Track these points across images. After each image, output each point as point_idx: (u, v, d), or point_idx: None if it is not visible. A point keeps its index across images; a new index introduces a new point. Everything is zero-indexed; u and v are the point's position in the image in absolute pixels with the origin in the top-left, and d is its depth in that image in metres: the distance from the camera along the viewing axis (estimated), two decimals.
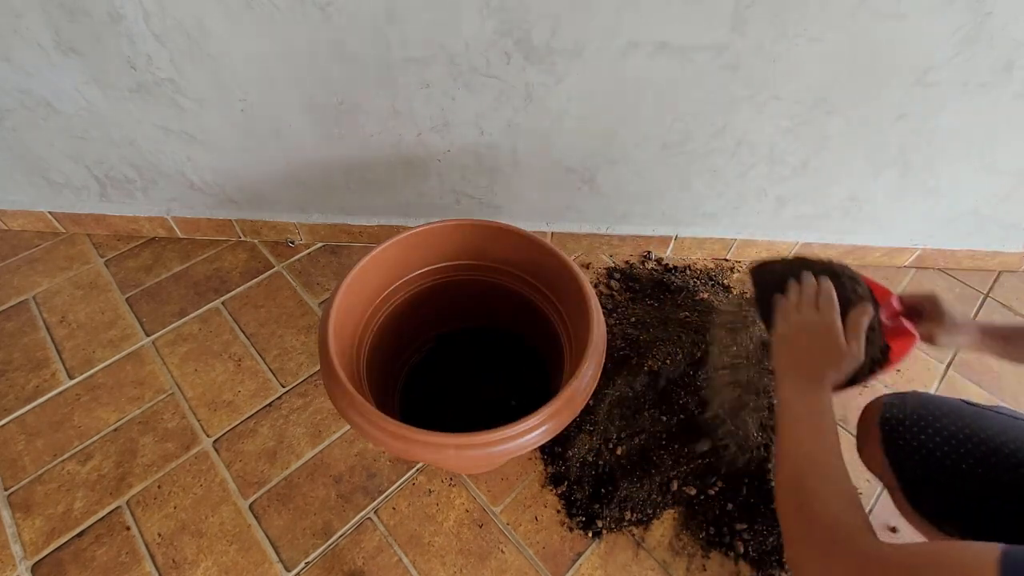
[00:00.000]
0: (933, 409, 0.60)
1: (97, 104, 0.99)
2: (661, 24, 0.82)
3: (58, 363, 1.04)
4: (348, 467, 0.91)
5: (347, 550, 0.83)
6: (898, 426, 0.60)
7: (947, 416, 0.59)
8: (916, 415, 0.60)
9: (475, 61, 0.88)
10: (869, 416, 0.64)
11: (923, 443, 0.58)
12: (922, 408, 0.60)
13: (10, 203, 1.22)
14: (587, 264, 1.24)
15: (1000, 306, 1.20)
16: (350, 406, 0.64)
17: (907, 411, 0.61)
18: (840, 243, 1.21)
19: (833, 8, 0.79)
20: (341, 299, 0.73)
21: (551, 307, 0.86)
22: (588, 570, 0.82)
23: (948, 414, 0.59)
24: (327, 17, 0.83)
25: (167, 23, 0.86)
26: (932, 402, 0.61)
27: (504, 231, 0.83)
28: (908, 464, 0.59)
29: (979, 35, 0.81)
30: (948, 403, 0.61)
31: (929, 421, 0.59)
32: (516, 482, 0.90)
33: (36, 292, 1.16)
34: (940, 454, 0.57)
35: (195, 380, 1.02)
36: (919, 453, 0.58)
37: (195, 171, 1.12)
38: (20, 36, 0.89)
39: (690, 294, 1.12)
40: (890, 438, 0.60)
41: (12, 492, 0.88)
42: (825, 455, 0.49)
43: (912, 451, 0.58)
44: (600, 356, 0.69)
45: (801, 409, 0.54)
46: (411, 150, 1.04)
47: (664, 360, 0.91)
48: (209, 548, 0.83)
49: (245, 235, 1.27)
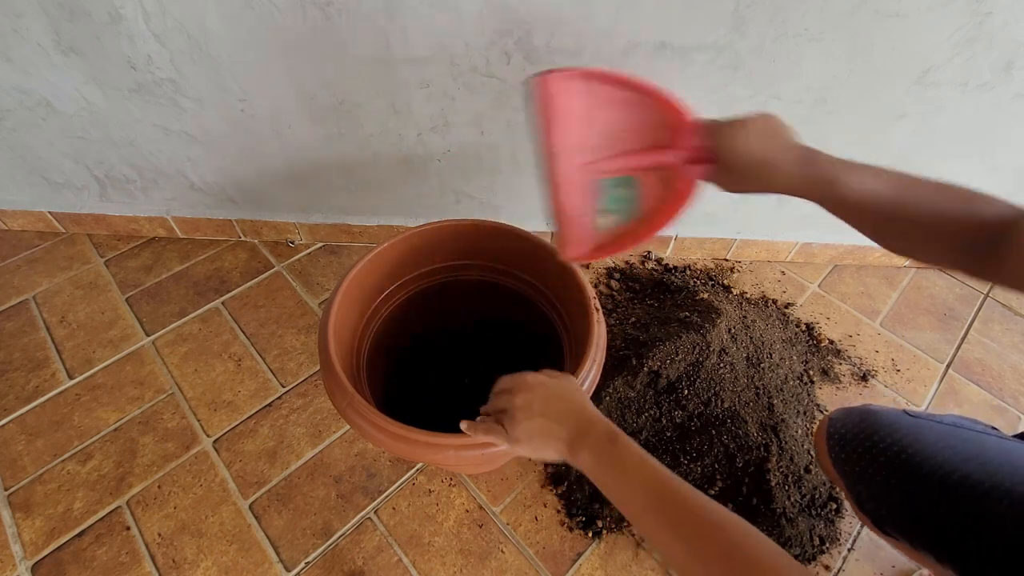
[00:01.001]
0: (872, 422, 0.60)
1: (97, 104, 0.99)
2: (661, 24, 0.82)
3: (58, 363, 1.04)
4: (348, 467, 0.91)
5: (347, 550, 0.83)
6: (840, 440, 0.61)
7: (884, 429, 0.59)
8: (857, 429, 0.61)
9: (475, 61, 0.88)
10: (820, 430, 0.65)
11: (861, 456, 0.59)
12: (862, 422, 0.61)
13: (10, 203, 1.22)
14: (587, 264, 1.24)
15: (1000, 306, 1.20)
16: (350, 406, 0.64)
17: (849, 426, 0.61)
18: (840, 243, 1.21)
19: (833, 8, 0.79)
20: (341, 299, 0.73)
21: (551, 307, 0.86)
22: (588, 570, 0.82)
23: (885, 427, 0.59)
24: (327, 17, 0.83)
25: (167, 23, 0.86)
26: (871, 416, 0.61)
27: (504, 231, 0.83)
28: (852, 477, 0.60)
29: (979, 35, 0.81)
30: (887, 416, 0.60)
31: (868, 434, 0.59)
32: (516, 482, 0.90)
33: (36, 292, 1.16)
34: (872, 469, 0.57)
35: (195, 380, 1.02)
36: (859, 465, 0.59)
37: (195, 171, 1.12)
38: (20, 36, 0.89)
39: (690, 294, 1.12)
40: (835, 452, 0.61)
41: (12, 492, 0.88)
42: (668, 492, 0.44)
43: (853, 463, 0.59)
44: (601, 357, 0.69)
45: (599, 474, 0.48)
46: (411, 150, 1.04)
47: (664, 360, 0.91)
48: (209, 548, 0.83)
49: (245, 235, 1.27)
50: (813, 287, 1.22)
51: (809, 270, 1.25)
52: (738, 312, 1.04)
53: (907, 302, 1.20)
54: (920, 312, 1.18)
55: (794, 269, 1.25)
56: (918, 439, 0.56)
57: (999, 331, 1.15)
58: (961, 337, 1.14)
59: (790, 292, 1.21)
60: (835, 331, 1.13)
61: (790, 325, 1.11)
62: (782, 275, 1.24)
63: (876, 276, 1.25)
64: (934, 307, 1.19)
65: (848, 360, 1.08)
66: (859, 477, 0.59)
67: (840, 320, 1.15)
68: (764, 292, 1.20)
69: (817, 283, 1.23)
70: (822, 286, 1.22)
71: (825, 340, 1.11)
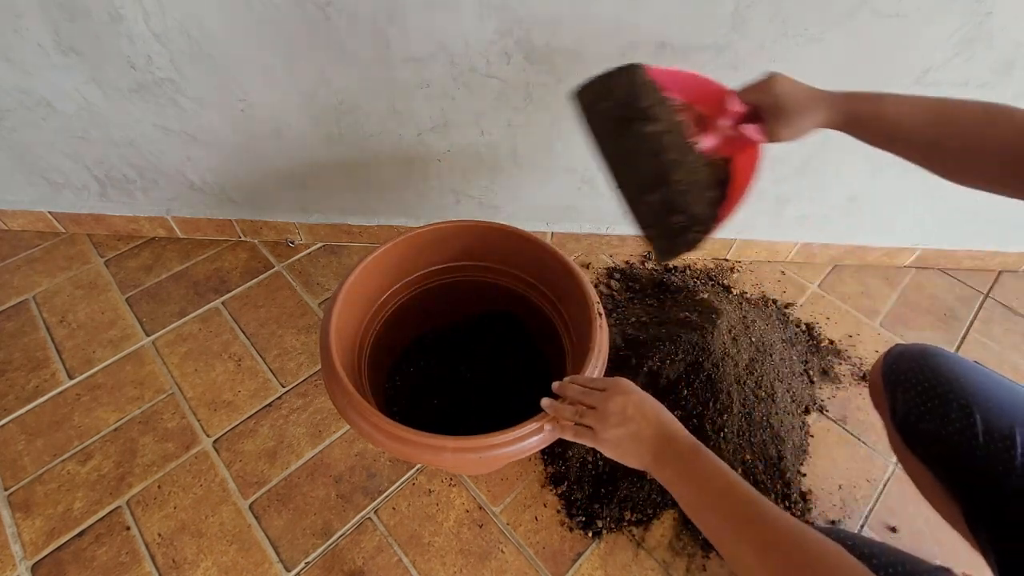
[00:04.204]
0: (932, 350, 0.63)
1: (97, 104, 0.99)
2: (661, 24, 0.82)
3: (58, 363, 1.04)
4: (348, 467, 0.91)
5: (347, 550, 0.83)
6: (899, 356, 0.64)
7: (942, 356, 0.61)
8: (916, 351, 0.63)
9: (475, 61, 0.88)
10: (878, 361, 0.68)
11: (912, 372, 0.61)
12: (924, 350, 0.63)
13: (10, 203, 1.22)
14: (587, 264, 1.24)
15: (1000, 306, 1.20)
16: (350, 406, 0.64)
17: (909, 349, 0.64)
18: (840, 243, 1.21)
19: (833, 8, 0.79)
20: (343, 299, 0.73)
21: (552, 308, 0.86)
22: (588, 570, 0.82)
23: (943, 355, 0.61)
24: (327, 17, 0.83)
25: (167, 23, 0.85)
26: (932, 348, 0.63)
27: (505, 232, 0.83)
28: (896, 389, 0.63)
29: (979, 35, 0.81)
30: (947, 353, 0.62)
31: (924, 355, 0.62)
32: (516, 482, 0.90)
33: (36, 292, 1.16)
34: (921, 387, 0.60)
35: (195, 380, 1.02)
36: (908, 379, 0.62)
37: (195, 171, 1.12)
38: (20, 36, 0.89)
39: (690, 294, 1.12)
40: (889, 365, 0.65)
41: (12, 492, 0.88)
42: (736, 505, 0.45)
43: (903, 375, 0.62)
44: (603, 360, 0.69)
45: (681, 488, 0.49)
46: (411, 150, 1.04)
47: (664, 360, 0.91)
48: (209, 548, 0.83)
49: (245, 235, 1.27)
50: (813, 287, 1.22)
51: (809, 270, 1.25)
52: (738, 312, 1.03)
53: (907, 302, 1.20)
54: (920, 312, 1.18)
55: (794, 269, 1.25)
56: (968, 372, 0.59)
57: (999, 331, 1.15)
58: (961, 337, 1.14)
59: (790, 292, 1.21)
60: (835, 331, 1.13)
61: (790, 325, 1.11)
62: (782, 275, 1.24)
63: (876, 276, 1.25)
64: (934, 307, 1.19)
65: (848, 360, 1.08)
66: (904, 389, 0.61)
67: (840, 320, 1.15)
68: (764, 292, 1.20)
69: (817, 283, 1.23)
70: (822, 286, 1.22)
71: (825, 340, 1.11)
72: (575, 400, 0.59)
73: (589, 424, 0.56)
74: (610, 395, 0.56)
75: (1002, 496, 0.53)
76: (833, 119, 0.56)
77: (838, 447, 0.95)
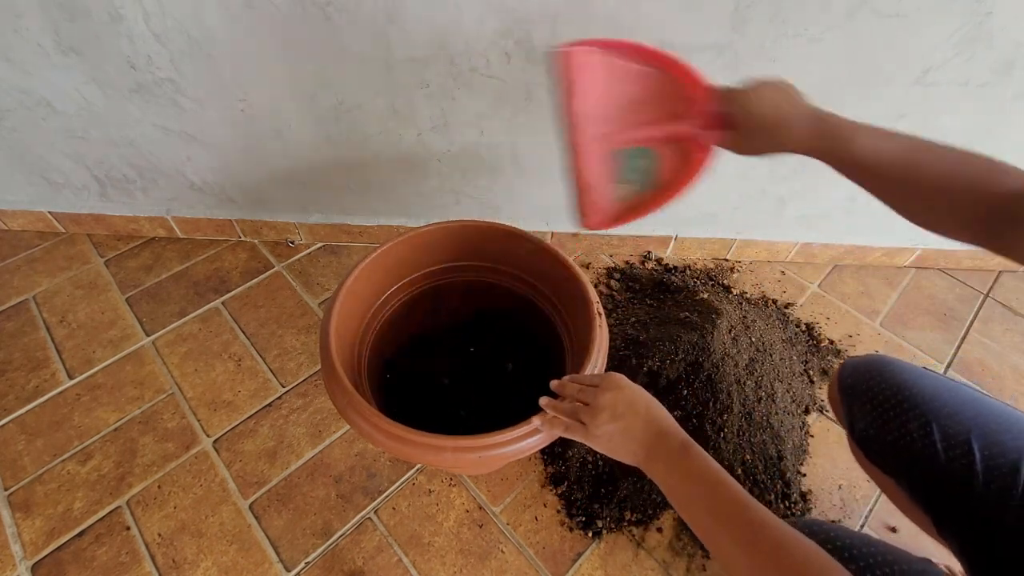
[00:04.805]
0: (886, 360, 0.63)
1: (97, 104, 0.99)
2: (661, 24, 0.82)
3: (58, 363, 1.04)
4: (348, 467, 0.91)
5: (347, 550, 0.83)
6: (853, 369, 0.65)
7: (895, 365, 0.62)
8: (870, 360, 0.64)
9: (475, 61, 0.88)
10: (834, 376, 0.68)
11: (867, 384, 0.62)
12: (878, 359, 0.64)
13: (10, 203, 1.22)
14: (587, 264, 1.24)
15: (1000, 306, 1.20)
16: (350, 406, 0.64)
17: (863, 360, 0.65)
18: (840, 243, 1.21)
19: (833, 8, 0.79)
20: (343, 299, 0.73)
21: (552, 308, 0.86)
22: (588, 570, 0.82)
23: (895, 364, 0.62)
24: (327, 17, 0.83)
25: (167, 23, 0.85)
26: (885, 358, 0.64)
27: (505, 232, 0.83)
28: (852, 400, 0.63)
29: (979, 35, 0.81)
30: (899, 362, 0.63)
31: (879, 366, 0.62)
32: (516, 482, 0.90)
33: (36, 292, 1.16)
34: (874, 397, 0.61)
35: (195, 380, 1.02)
36: (863, 390, 0.62)
37: (195, 171, 1.12)
38: (20, 36, 0.89)
39: (690, 294, 1.12)
40: (844, 379, 0.65)
41: (12, 492, 0.88)
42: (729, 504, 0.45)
43: (858, 388, 0.63)
44: (603, 359, 0.69)
45: (670, 484, 0.49)
46: (411, 150, 1.04)
47: (663, 360, 0.91)
48: (209, 548, 0.83)
49: (245, 235, 1.27)
50: (813, 287, 1.22)
51: (809, 270, 1.25)
52: (738, 312, 1.03)
53: (907, 302, 1.20)
54: (920, 312, 1.18)
55: (794, 269, 1.25)
56: (920, 380, 0.59)
57: (999, 331, 1.15)
58: (961, 337, 1.14)
59: (790, 292, 1.20)
60: (835, 331, 1.13)
61: (790, 325, 1.11)
62: (782, 275, 1.24)
63: (876, 276, 1.25)
64: (934, 307, 1.19)
65: None
66: (860, 404, 0.62)
67: (840, 320, 1.15)
68: (764, 292, 1.20)
69: (817, 283, 1.23)
70: (822, 286, 1.22)
71: (825, 340, 1.11)
72: (573, 398, 0.59)
73: (581, 420, 0.56)
74: (602, 391, 0.56)
75: (967, 503, 0.52)
76: (803, 145, 0.52)
77: (838, 447, 0.95)
